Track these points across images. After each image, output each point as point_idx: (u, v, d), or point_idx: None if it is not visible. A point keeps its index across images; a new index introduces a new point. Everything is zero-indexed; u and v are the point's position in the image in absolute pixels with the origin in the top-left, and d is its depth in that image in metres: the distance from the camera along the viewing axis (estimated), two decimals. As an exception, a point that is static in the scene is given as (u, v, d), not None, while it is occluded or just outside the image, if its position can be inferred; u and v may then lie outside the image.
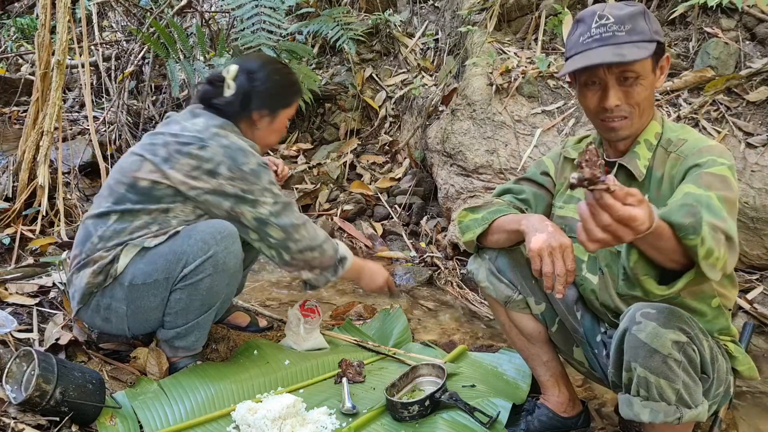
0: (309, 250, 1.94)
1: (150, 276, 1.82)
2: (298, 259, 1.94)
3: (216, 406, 1.82)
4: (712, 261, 1.17)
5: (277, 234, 1.89)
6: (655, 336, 1.31)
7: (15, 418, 1.56)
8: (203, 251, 1.80)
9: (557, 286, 1.42)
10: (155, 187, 1.83)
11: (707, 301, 1.51)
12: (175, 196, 1.85)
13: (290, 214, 1.91)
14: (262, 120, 1.98)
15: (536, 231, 1.47)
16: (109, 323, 1.90)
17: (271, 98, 1.97)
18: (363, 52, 4.41)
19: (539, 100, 3.15)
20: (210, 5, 5.22)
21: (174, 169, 1.82)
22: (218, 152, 1.83)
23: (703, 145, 1.45)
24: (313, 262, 1.97)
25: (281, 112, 2.01)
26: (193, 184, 1.82)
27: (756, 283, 2.61)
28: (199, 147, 1.83)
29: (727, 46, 2.90)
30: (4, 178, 2.97)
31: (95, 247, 1.84)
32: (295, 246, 1.91)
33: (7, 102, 4.74)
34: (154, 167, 1.83)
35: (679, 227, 1.15)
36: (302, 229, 1.92)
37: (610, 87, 1.44)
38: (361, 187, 3.89)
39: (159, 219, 1.85)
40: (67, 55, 2.95)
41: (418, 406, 1.76)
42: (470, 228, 1.72)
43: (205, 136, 1.85)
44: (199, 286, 1.84)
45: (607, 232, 1.03)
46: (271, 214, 1.87)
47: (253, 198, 1.85)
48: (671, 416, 1.33)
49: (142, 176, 1.83)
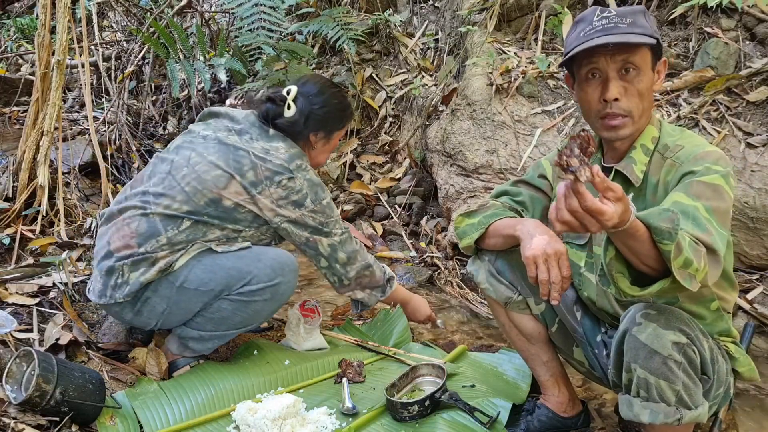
0: (364, 269, 2.10)
1: (206, 284, 1.84)
2: (355, 281, 2.11)
3: (216, 406, 1.82)
4: (690, 271, 1.17)
5: (342, 260, 2.05)
6: (656, 337, 1.31)
7: (15, 418, 1.56)
8: (269, 278, 1.88)
9: (552, 293, 1.44)
10: (238, 209, 1.90)
11: (706, 304, 1.51)
12: (253, 221, 1.94)
13: (352, 243, 2.08)
14: (318, 142, 2.07)
15: (531, 237, 1.47)
16: (139, 316, 1.89)
17: (328, 121, 2.06)
18: (363, 52, 4.40)
19: (539, 100, 3.15)
20: (210, 5, 5.22)
21: (262, 194, 1.89)
22: (304, 185, 1.93)
23: (699, 152, 1.43)
24: (365, 283, 2.14)
25: (336, 134, 2.12)
26: (279, 212, 1.92)
27: (756, 283, 2.61)
28: (288, 179, 1.91)
29: (727, 46, 2.90)
30: (4, 178, 2.97)
31: (160, 247, 1.83)
32: (353, 270, 2.08)
33: (7, 102, 4.74)
34: (242, 189, 1.89)
35: (656, 230, 1.16)
36: (359, 255, 2.09)
37: (611, 79, 1.44)
38: (361, 187, 3.89)
39: (230, 236, 1.92)
40: (67, 55, 2.95)
41: (418, 406, 1.76)
42: (467, 233, 1.72)
43: (293, 167, 1.92)
44: (250, 305, 1.88)
45: (574, 216, 1.08)
46: (340, 243, 2.03)
47: (328, 230, 2.00)
48: (671, 417, 1.33)
49: (228, 196, 1.88)
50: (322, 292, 2.91)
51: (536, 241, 1.45)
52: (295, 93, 2.03)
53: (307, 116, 2.01)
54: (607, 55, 1.43)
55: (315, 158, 2.11)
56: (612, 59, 1.43)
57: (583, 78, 1.49)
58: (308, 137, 2.04)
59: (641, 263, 1.22)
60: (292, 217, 1.94)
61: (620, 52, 1.42)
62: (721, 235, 1.29)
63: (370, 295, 2.19)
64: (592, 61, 1.45)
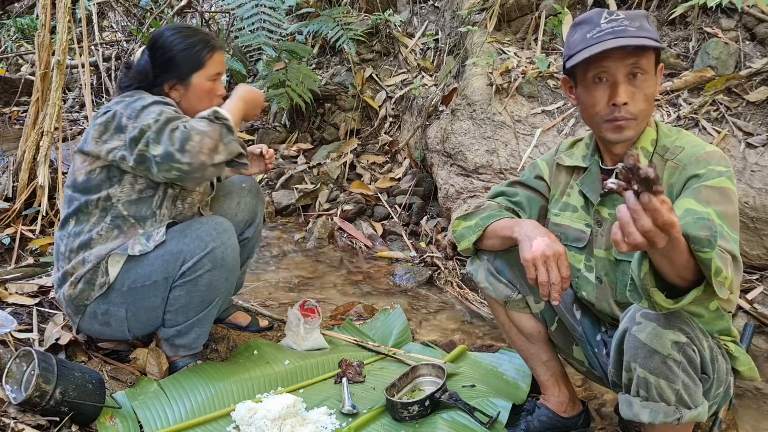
0: (188, 140, 1.67)
1: (149, 278, 1.83)
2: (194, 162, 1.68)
3: (216, 406, 1.82)
4: (720, 279, 1.16)
5: (156, 151, 1.69)
6: (655, 336, 1.31)
7: (15, 418, 1.56)
8: (201, 248, 1.81)
9: (553, 294, 1.44)
10: (90, 178, 1.84)
11: (705, 304, 1.51)
12: (107, 178, 1.83)
13: (171, 126, 1.71)
14: (174, 91, 1.90)
15: (529, 239, 1.47)
16: (108, 327, 1.91)
17: (174, 64, 1.87)
18: (363, 52, 4.40)
19: (539, 100, 3.15)
20: (210, 5, 5.22)
21: (88, 144, 1.82)
22: (120, 108, 1.78)
23: (700, 153, 1.43)
24: (203, 147, 1.67)
25: (193, 77, 1.89)
26: (108, 147, 1.78)
27: (756, 283, 2.61)
28: (103, 113, 1.82)
29: (727, 46, 2.90)
30: (4, 178, 2.98)
31: (66, 258, 1.86)
32: (193, 149, 1.67)
33: (7, 102, 4.75)
34: (81, 156, 1.84)
35: (694, 239, 1.13)
36: (177, 132, 1.69)
37: (620, 83, 1.42)
38: (361, 187, 3.89)
39: (108, 209, 1.84)
40: (67, 55, 2.95)
41: (418, 406, 1.76)
42: (465, 236, 1.72)
43: (110, 104, 1.83)
44: (198, 282, 1.85)
45: (645, 236, 1.03)
46: (153, 132, 1.70)
47: (141, 126, 1.72)
48: (671, 417, 1.33)
49: (77, 173, 1.85)
50: (322, 292, 2.92)
51: (535, 243, 1.45)
52: (140, 52, 1.93)
53: (153, 70, 1.87)
54: (617, 59, 1.41)
55: (188, 110, 1.88)
56: (622, 63, 1.42)
57: (590, 81, 1.47)
58: (162, 91, 1.88)
59: (676, 275, 1.19)
60: (121, 144, 1.76)
61: (630, 56, 1.41)
62: (734, 239, 1.29)
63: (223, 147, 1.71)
64: (602, 65, 1.43)
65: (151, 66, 1.88)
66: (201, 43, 1.90)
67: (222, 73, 1.97)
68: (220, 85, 1.96)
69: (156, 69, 1.88)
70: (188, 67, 1.88)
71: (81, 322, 1.91)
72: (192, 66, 1.88)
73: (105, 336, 1.97)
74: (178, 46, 1.87)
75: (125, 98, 1.83)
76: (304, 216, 3.83)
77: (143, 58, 1.90)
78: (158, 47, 1.88)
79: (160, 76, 1.88)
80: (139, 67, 1.89)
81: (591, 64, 1.45)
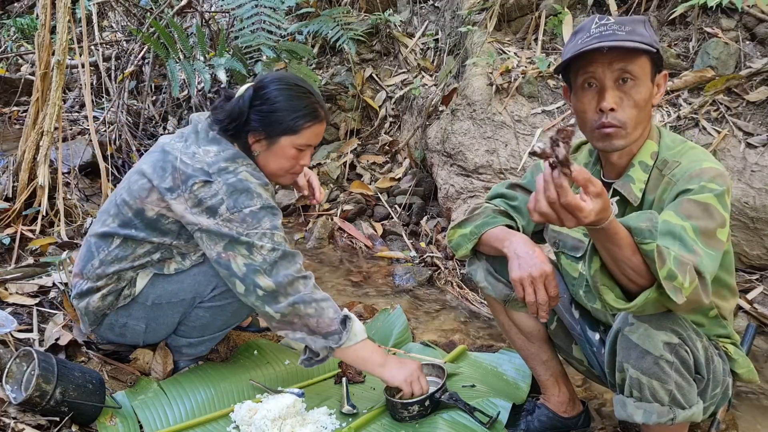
0: (302, 303, 1.67)
1: (176, 295, 1.82)
2: (289, 315, 1.67)
3: (216, 406, 1.82)
4: (675, 284, 1.16)
5: (265, 284, 1.66)
6: (647, 337, 1.32)
7: (15, 418, 1.56)
8: None
9: (540, 313, 1.46)
10: (161, 220, 1.75)
11: (704, 312, 1.51)
12: (180, 233, 1.77)
13: (288, 266, 1.69)
14: (258, 145, 1.80)
15: (518, 257, 1.48)
16: (123, 338, 1.93)
17: (272, 121, 1.77)
18: (363, 52, 4.40)
19: (539, 100, 3.15)
20: (210, 5, 5.22)
21: (177, 201, 1.71)
22: (221, 190, 1.68)
23: (695, 169, 1.39)
24: (308, 321, 1.68)
25: (283, 140, 1.79)
26: (190, 219, 1.70)
27: (756, 283, 2.60)
28: (203, 182, 1.69)
29: (727, 46, 2.90)
30: (4, 178, 2.97)
31: (95, 271, 1.81)
32: (285, 299, 1.67)
33: (7, 102, 4.75)
34: (159, 197, 1.73)
35: (635, 230, 1.16)
36: (298, 285, 1.69)
37: (607, 88, 1.40)
38: (361, 187, 3.89)
39: (162, 249, 1.80)
40: (67, 55, 2.95)
41: (418, 406, 1.77)
42: (461, 245, 1.72)
43: (213, 170, 1.69)
44: (225, 308, 1.86)
45: (552, 209, 1.07)
46: (264, 264, 1.66)
47: (247, 242, 1.66)
48: (664, 417, 1.34)
49: (150, 206, 1.75)
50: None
51: (523, 264, 1.46)
52: (244, 89, 1.80)
53: (247, 114, 1.77)
54: (604, 63, 1.39)
55: (263, 167, 1.81)
56: (609, 68, 1.39)
57: (579, 87, 1.45)
58: (246, 139, 1.79)
59: (624, 275, 1.20)
60: (203, 225, 1.68)
61: (617, 61, 1.38)
62: (709, 255, 1.26)
63: (314, 340, 1.71)
64: (588, 69, 1.41)
65: (248, 110, 1.77)
66: (305, 109, 1.79)
67: (313, 145, 1.87)
68: (307, 156, 1.86)
69: (252, 115, 1.78)
70: (281, 129, 1.78)
71: (96, 330, 1.91)
72: (285, 128, 1.78)
73: (118, 343, 1.99)
74: (281, 104, 1.77)
75: (228, 166, 1.70)
76: (304, 216, 3.83)
77: (246, 97, 1.78)
78: (262, 96, 1.78)
79: (251, 123, 1.78)
80: (238, 107, 1.77)
81: (579, 69, 1.43)
